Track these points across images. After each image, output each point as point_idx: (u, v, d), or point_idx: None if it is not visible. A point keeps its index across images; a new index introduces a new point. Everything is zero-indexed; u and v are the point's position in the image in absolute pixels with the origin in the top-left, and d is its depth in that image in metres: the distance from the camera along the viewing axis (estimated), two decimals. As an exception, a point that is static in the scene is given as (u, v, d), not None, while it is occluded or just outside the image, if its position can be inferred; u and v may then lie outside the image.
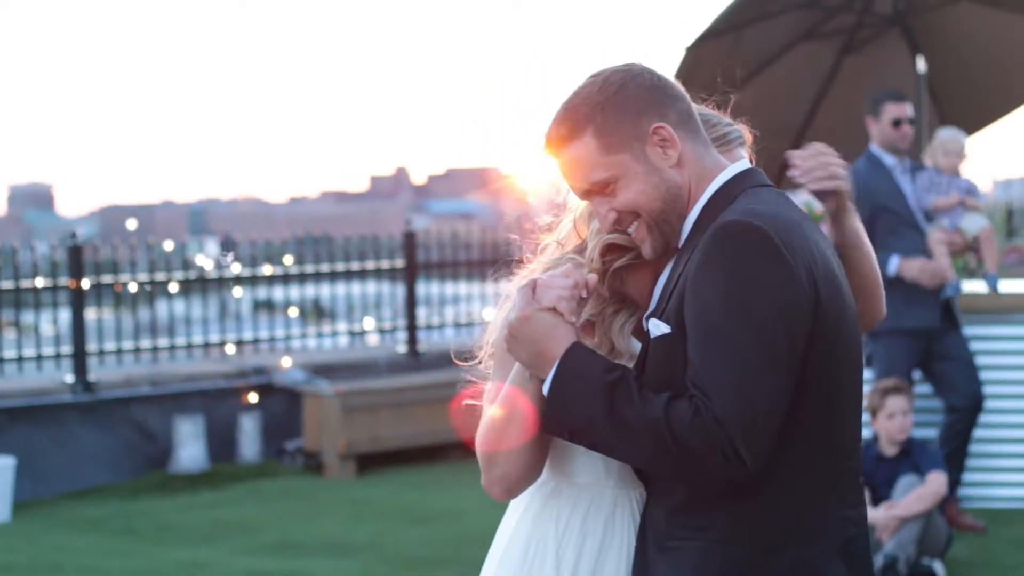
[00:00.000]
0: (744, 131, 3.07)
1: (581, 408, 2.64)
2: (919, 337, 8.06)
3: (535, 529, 2.90)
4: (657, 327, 2.70)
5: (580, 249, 2.95)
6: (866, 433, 7.87)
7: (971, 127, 9.93)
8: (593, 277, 2.77)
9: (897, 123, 8.14)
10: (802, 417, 2.64)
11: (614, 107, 2.74)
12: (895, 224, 8.07)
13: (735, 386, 2.54)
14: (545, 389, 2.68)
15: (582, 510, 2.87)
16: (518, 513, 2.96)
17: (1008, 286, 9.04)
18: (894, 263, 7.95)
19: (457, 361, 3.14)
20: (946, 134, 8.46)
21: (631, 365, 2.77)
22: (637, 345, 2.85)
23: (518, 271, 3.05)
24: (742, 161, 2.86)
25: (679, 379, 2.62)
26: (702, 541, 2.68)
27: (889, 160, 8.21)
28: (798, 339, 2.60)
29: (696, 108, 2.87)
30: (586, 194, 2.81)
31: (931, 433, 8.29)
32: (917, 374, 8.29)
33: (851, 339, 2.74)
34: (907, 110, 8.18)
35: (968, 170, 8.43)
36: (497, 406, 2.78)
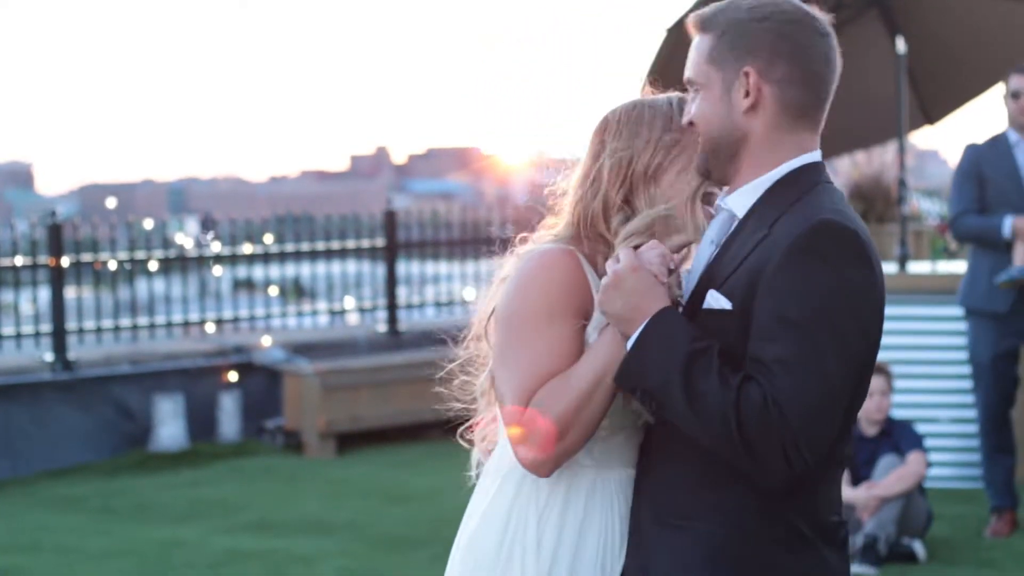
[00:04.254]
0: None
1: (660, 369, 2.60)
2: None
3: (514, 508, 2.84)
4: (716, 299, 2.67)
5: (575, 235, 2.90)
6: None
7: (949, 106, 9.94)
8: (679, 255, 2.80)
9: (1016, 95, 7.53)
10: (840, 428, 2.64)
11: (743, 30, 2.74)
12: (1000, 203, 7.54)
13: (810, 389, 2.52)
14: (630, 343, 2.65)
15: (562, 491, 2.82)
16: (490, 495, 2.90)
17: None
18: (1007, 223, 7.42)
19: (440, 337, 3.10)
20: None
21: None
22: None
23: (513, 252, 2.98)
24: (817, 152, 2.81)
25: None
26: (713, 523, 2.65)
27: (1013, 136, 7.61)
28: (873, 348, 2.62)
29: None
30: (687, 83, 2.83)
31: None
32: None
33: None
34: None
35: None
36: (585, 374, 2.72)
